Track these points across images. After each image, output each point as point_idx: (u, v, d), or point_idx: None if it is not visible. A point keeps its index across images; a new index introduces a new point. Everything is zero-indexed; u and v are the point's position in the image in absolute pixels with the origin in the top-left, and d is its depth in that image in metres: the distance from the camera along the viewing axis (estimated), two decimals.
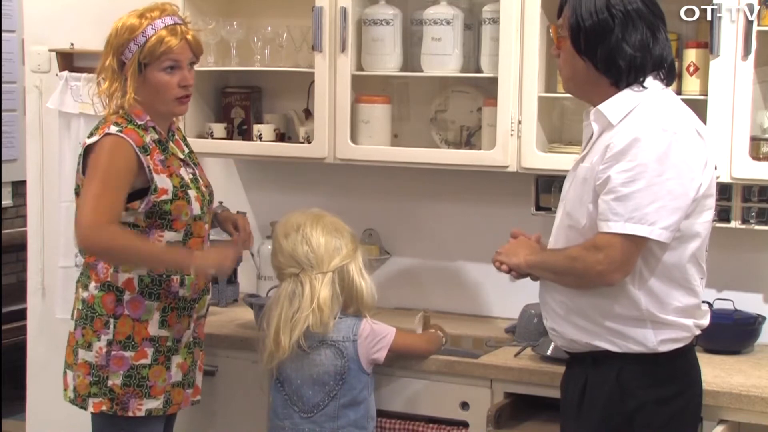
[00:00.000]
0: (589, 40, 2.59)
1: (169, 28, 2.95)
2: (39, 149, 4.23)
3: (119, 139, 2.90)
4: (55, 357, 4.10)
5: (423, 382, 3.19)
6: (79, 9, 4.04)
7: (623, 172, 2.50)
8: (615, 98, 2.60)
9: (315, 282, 3.03)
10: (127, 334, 2.96)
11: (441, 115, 3.67)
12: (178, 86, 2.98)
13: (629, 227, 2.49)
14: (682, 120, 2.58)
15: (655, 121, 2.54)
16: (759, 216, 3.25)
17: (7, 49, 5.81)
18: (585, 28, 2.59)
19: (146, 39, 2.93)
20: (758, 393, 2.86)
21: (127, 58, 2.95)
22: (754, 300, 3.38)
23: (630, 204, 2.49)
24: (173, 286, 2.99)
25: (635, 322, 2.59)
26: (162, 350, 3.00)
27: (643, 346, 2.59)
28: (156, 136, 2.99)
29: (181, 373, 3.06)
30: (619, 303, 2.58)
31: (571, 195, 2.67)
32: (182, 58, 2.97)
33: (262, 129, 3.71)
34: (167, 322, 3.00)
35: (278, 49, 3.70)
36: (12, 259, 5.83)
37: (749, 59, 3.03)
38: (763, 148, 3.13)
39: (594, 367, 2.64)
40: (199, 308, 3.10)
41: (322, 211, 3.15)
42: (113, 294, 2.96)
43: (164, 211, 2.95)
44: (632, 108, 2.57)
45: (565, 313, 2.67)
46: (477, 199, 3.71)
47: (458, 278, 3.77)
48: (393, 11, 3.51)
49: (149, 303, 2.97)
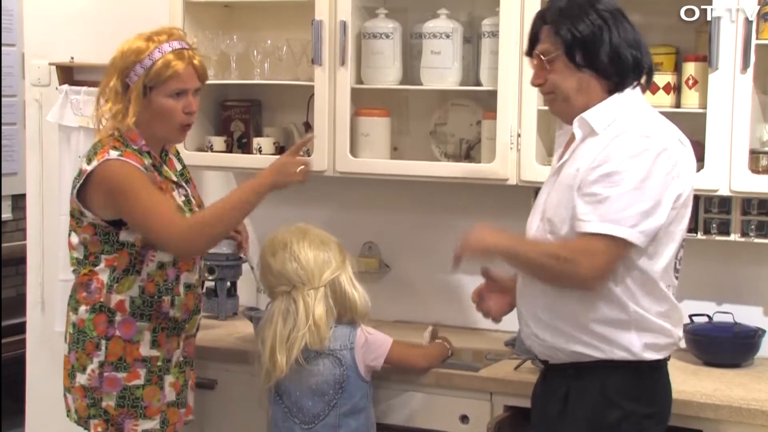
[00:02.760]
0: (588, 49, 2.59)
1: (176, 53, 2.92)
2: (39, 163, 4.24)
3: (122, 163, 2.87)
4: (54, 370, 4.09)
5: (422, 395, 3.18)
6: (79, 23, 4.05)
7: (605, 176, 2.51)
8: (599, 106, 2.61)
9: (308, 299, 3.03)
10: (118, 356, 2.95)
11: (440, 128, 3.67)
12: (182, 112, 2.95)
13: (609, 228, 2.49)
14: (666, 128, 2.61)
15: (640, 129, 2.56)
16: (758, 229, 3.25)
17: (8, 62, 5.82)
18: (582, 39, 2.58)
19: (153, 62, 2.90)
20: (758, 406, 2.85)
21: (132, 80, 2.92)
22: (754, 313, 3.38)
23: (613, 206, 2.49)
24: (164, 307, 2.98)
25: (621, 326, 2.58)
26: (154, 370, 2.99)
27: (628, 351, 2.59)
28: (150, 160, 2.97)
29: (174, 393, 3.05)
30: (607, 306, 2.58)
31: (554, 201, 2.65)
32: (188, 84, 2.94)
33: (261, 142, 3.72)
34: (158, 342, 2.99)
35: (278, 63, 3.71)
36: (11, 273, 5.83)
37: (748, 72, 3.04)
38: (763, 161, 3.13)
39: (576, 378, 2.63)
40: (189, 328, 3.09)
41: (306, 225, 3.15)
42: (105, 315, 2.95)
43: None
44: (616, 116, 2.59)
45: (549, 319, 2.65)
46: (476, 212, 3.71)
47: (458, 291, 3.76)
48: (392, 25, 3.52)
49: (140, 324, 2.96)
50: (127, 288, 2.95)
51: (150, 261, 2.95)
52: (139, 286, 2.96)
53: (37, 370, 4.23)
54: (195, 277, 3.08)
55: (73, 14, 4.10)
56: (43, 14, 4.19)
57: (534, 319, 2.69)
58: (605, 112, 2.60)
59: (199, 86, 2.99)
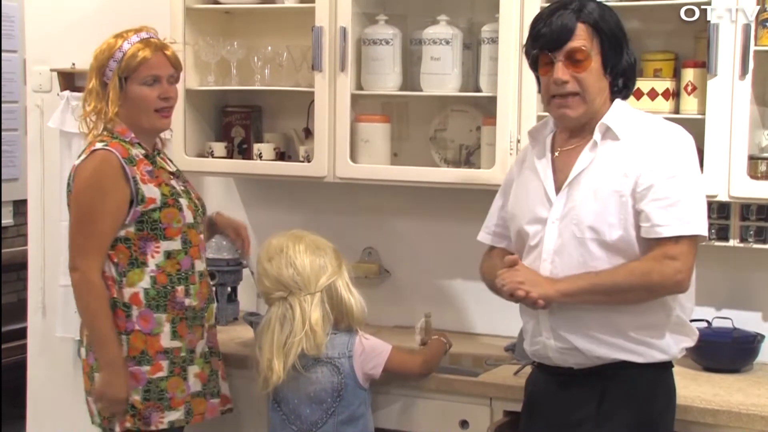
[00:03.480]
0: (618, 54, 2.65)
1: (143, 41, 3.03)
2: (40, 168, 4.25)
3: (105, 153, 2.95)
4: (55, 376, 4.11)
5: (422, 401, 3.19)
6: (80, 30, 4.06)
7: (671, 179, 2.57)
8: (615, 113, 2.66)
9: (304, 304, 3.04)
10: (140, 349, 2.99)
11: (440, 134, 3.68)
12: (158, 98, 3.03)
13: (689, 228, 2.55)
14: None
15: (670, 129, 2.65)
16: (757, 234, 3.26)
17: (9, 69, 5.84)
18: (617, 43, 2.64)
19: (123, 54, 3.00)
20: (758, 411, 2.86)
21: (108, 77, 3.02)
22: (753, 318, 3.38)
23: (686, 207, 2.56)
24: (178, 296, 3.02)
25: (663, 331, 2.64)
26: (177, 361, 3.03)
27: (666, 353, 2.65)
28: (142, 150, 3.04)
29: (200, 383, 3.09)
30: (654, 312, 2.62)
31: (592, 209, 2.60)
32: (161, 71, 3.03)
33: (262, 148, 3.73)
34: (178, 333, 3.03)
35: (278, 69, 3.72)
36: (13, 278, 5.84)
37: (747, 78, 3.04)
38: (761, 167, 3.14)
39: (611, 379, 2.64)
40: (209, 317, 3.14)
41: (302, 231, 3.16)
42: (121, 310, 2.99)
43: (154, 220, 2.98)
44: (630, 121, 2.65)
45: (596, 331, 2.63)
46: (476, 218, 3.69)
47: (457, 297, 3.77)
48: (392, 31, 3.53)
49: (158, 315, 3.00)
50: (137, 280, 2.99)
51: (155, 253, 3.00)
52: (150, 277, 3.00)
53: (38, 376, 4.23)
54: (203, 266, 3.14)
55: (74, 21, 4.12)
56: (45, 21, 4.20)
57: (579, 333, 2.64)
58: (623, 118, 2.65)
59: (173, 73, 3.07)
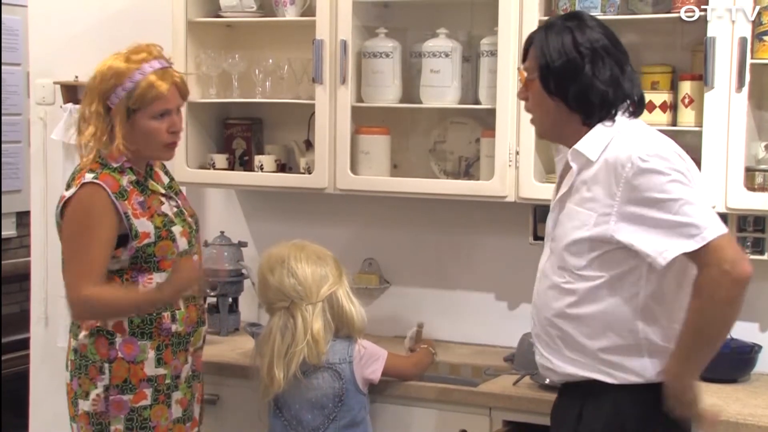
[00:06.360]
0: (559, 80, 2.57)
1: (158, 73, 2.88)
2: (43, 180, 4.27)
3: (95, 188, 2.84)
4: (57, 386, 4.11)
5: (422, 410, 3.20)
6: (83, 43, 4.08)
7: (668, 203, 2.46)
8: (589, 135, 2.57)
9: (306, 314, 3.06)
10: (123, 378, 2.92)
11: (440, 146, 3.70)
12: (167, 132, 2.93)
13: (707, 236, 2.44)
14: (665, 142, 2.57)
15: (642, 144, 2.51)
16: (754, 246, 3.28)
17: (13, 81, 5.86)
18: (555, 69, 2.57)
19: (135, 84, 2.86)
20: (755, 421, 2.87)
21: (113, 103, 2.88)
22: (751, 329, 3.39)
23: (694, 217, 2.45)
24: (165, 323, 2.95)
25: (636, 353, 2.56)
26: (161, 389, 2.97)
27: (640, 376, 2.57)
28: (134, 177, 2.93)
29: (180, 409, 3.03)
30: (618, 335, 2.55)
31: (567, 228, 2.60)
32: (172, 104, 2.92)
33: (263, 160, 3.75)
34: (163, 359, 2.96)
35: (279, 81, 3.74)
36: (16, 289, 5.86)
37: (743, 91, 3.06)
38: (758, 179, 3.16)
39: (590, 396, 2.61)
40: (195, 341, 3.06)
41: (302, 241, 3.17)
42: (104, 338, 2.92)
43: (148, 254, 2.91)
44: (608, 142, 2.54)
45: (562, 347, 2.62)
46: (475, 229, 3.74)
47: (457, 307, 3.78)
48: (392, 44, 3.55)
49: (142, 343, 2.93)
50: None
51: (147, 283, 2.92)
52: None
53: (40, 386, 4.25)
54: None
55: (77, 34, 4.14)
56: (48, 34, 4.22)
57: (546, 348, 2.65)
58: (596, 140, 2.55)
59: (181, 104, 2.98)
